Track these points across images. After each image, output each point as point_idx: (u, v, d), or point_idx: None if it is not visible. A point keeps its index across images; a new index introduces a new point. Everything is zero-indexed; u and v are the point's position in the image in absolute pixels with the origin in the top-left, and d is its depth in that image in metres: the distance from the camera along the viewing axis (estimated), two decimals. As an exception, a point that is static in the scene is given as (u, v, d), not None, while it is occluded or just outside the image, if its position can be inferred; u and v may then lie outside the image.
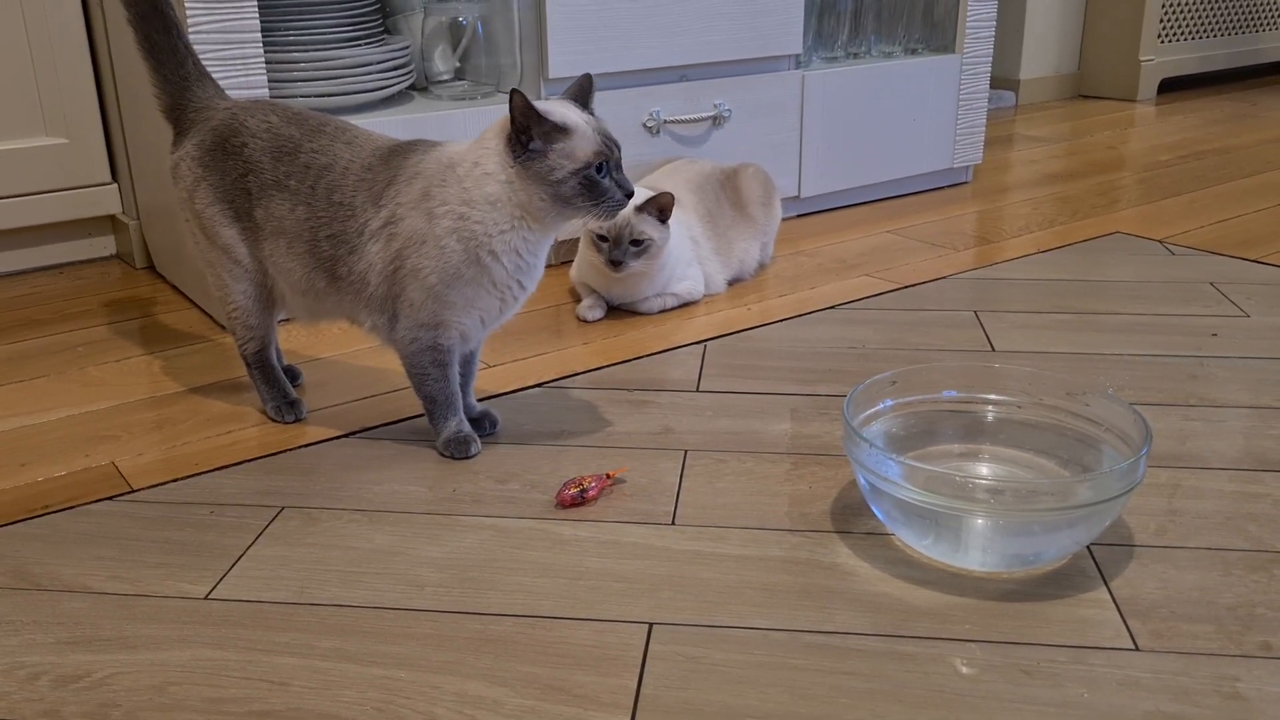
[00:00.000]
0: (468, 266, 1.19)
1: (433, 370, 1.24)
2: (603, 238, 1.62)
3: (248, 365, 1.37)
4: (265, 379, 1.36)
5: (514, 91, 1.14)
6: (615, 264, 1.61)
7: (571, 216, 1.20)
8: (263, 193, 1.26)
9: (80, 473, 1.24)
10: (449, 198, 1.18)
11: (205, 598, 1.00)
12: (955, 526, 1.01)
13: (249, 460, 1.26)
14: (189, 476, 1.22)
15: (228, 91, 1.49)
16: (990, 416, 1.20)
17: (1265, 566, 1.03)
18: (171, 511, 1.15)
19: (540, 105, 1.17)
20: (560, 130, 1.16)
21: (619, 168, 1.21)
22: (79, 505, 1.17)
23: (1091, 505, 0.98)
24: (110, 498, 1.18)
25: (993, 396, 1.20)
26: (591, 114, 1.22)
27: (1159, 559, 1.05)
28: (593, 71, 1.61)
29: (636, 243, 1.61)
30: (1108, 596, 0.99)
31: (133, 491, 1.20)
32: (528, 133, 1.16)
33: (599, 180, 1.17)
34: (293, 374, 1.46)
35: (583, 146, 1.17)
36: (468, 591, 1.01)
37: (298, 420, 1.36)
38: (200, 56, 1.49)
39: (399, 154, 1.24)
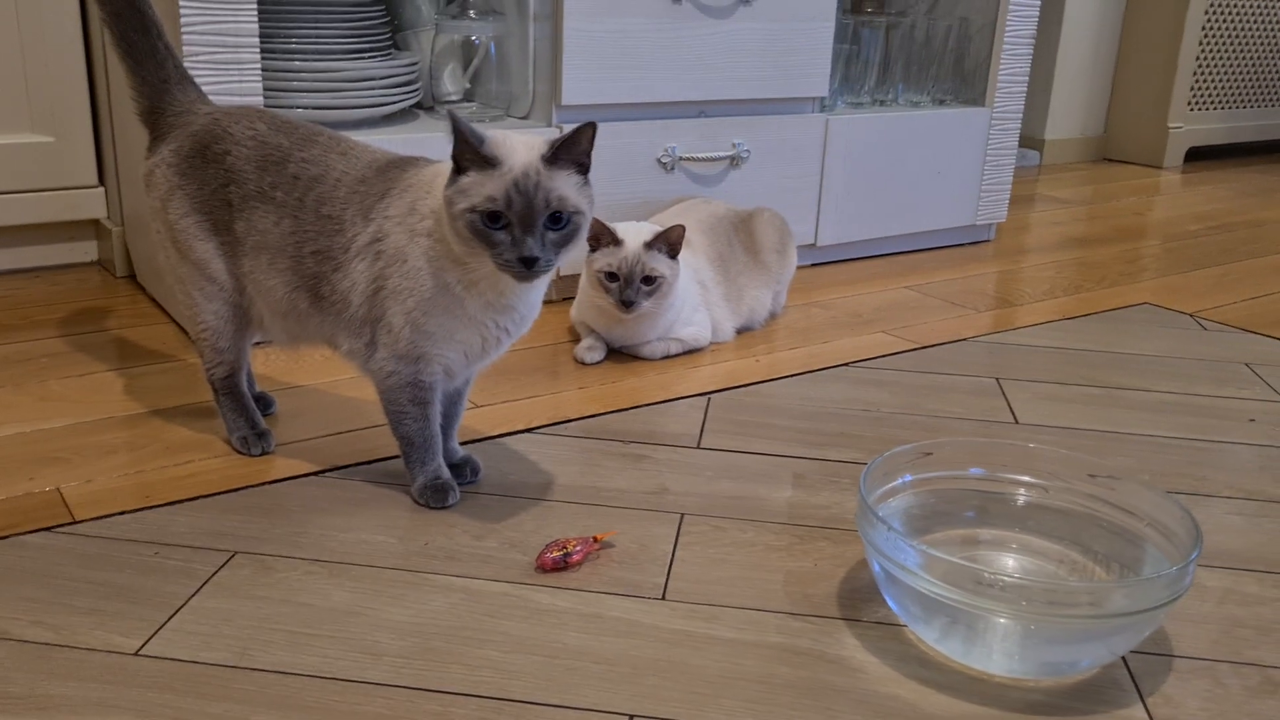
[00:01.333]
0: (440, 294, 1.08)
1: (411, 409, 1.14)
2: (612, 276, 1.52)
3: (215, 391, 1.26)
4: (233, 407, 1.26)
5: (449, 111, 1.05)
6: (627, 304, 1.51)
7: (481, 260, 1.04)
8: (245, 204, 1.16)
9: (20, 498, 1.14)
10: (432, 211, 1.08)
11: (135, 653, 0.89)
12: (978, 626, 0.91)
13: (206, 495, 1.16)
14: (138, 510, 1.12)
15: (219, 98, 1.41)
16: (1020, 500, 1.09)
17: (1320, 690, 0.93)
18: (113, 549, 1.05)
19: (487, 132, 1.04)
20: (486, 161, 1.02)
21: (529, 228, 1.01)
22: (13, 535, 1.06)
23: (1133, 615, 0.87)
24: (49, 528, 1.08)
25: (1024, 478, 1.09)
26: (568, 162, 1.04)
27: (1200, 673, 0.94)
28: (608, 101, 1.53)
29: (648, 280, 1.51)
30: (1144, 715, 0.89)
31: (74, 523, 1.09)
32: (462, 157, 1.03)
33: (488, 231, 1.02)
34: (265, 402, 1.36)
35: (486, 187, 1.01)
36: (429, 664, 0.90)
37: (265, 453, 1.25)
38: (192, 58, 1.41)
39: (396, 167, 1.14)
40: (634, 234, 1.53)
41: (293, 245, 1.14)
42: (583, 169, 1.06)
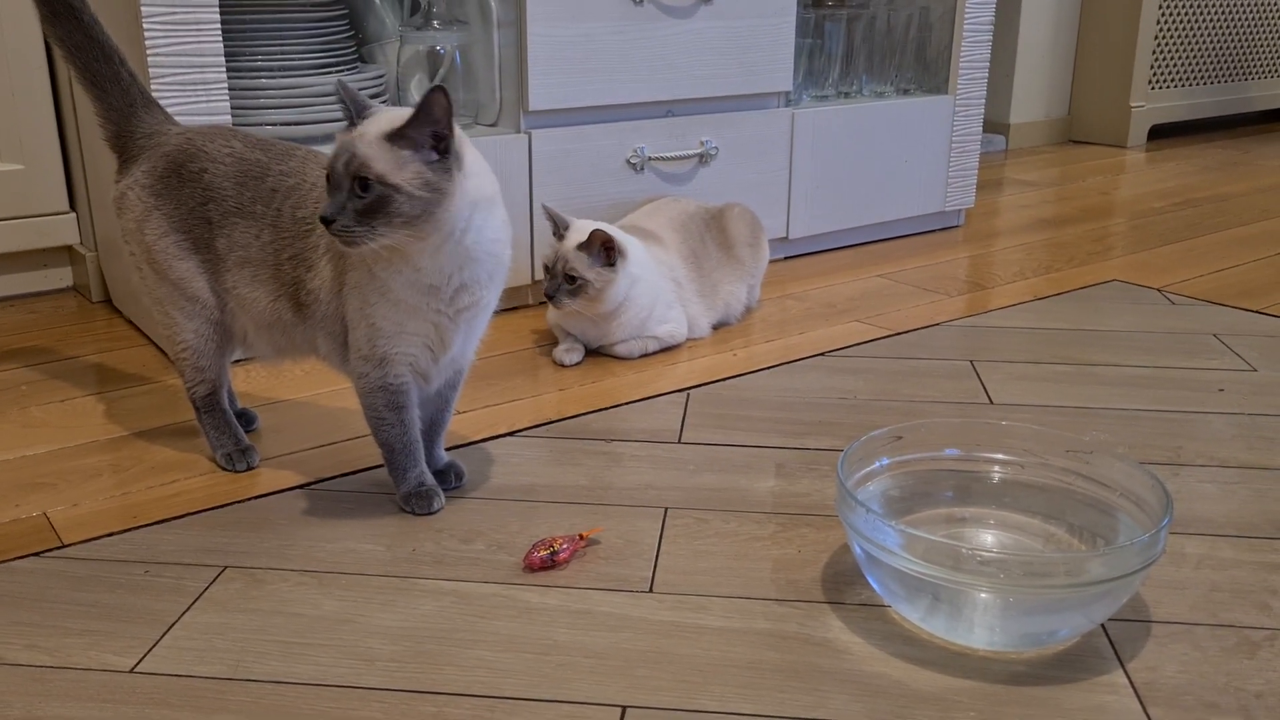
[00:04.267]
0: (372, 281, 1.08)
1: (387, 414, 1.15)
2: (547, 268, 1.57)
3: (196, 410, 1.27)
4: (215, 424, 1.27)
5: (339, 80, 1.05)
6: (550, 298, 1.55)
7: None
8: (226, 220, 1.17)
9: (8, 524, 1.14)
10: None
11: (131, 671, 0.90)
12: (959, 602, 0.93)
13: (193, 513, 1.16)
14: (126, 530, 1.13)
15: (187, 118, 1.42)
16: (996, 477, 1.11)
17: (1294, 648, 0.95)
18: (103, 570, 1.05)
19: (374, 104, 1.06)
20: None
21: (331, 192, 1.02)
22: (2, 562, 1.07)
23: (1108, 582, 0.89)
24: (38, 553, 1.08)
25: (998, 456, 1.11)
26: (420, 139, 1.02)
27: (1177, 637, 0.96)
28: (575, 105, 1.54)
29: (570, 279, 1.53)
30: (1125, 680, 0.91)
31: (63, 546, 1.10)
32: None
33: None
34: (247, 418, 1.36)
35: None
36: (422, 667, 0.91)
37: (250, 469, 1.26)
38: (159, 80, 1.42)
39: None
40: (576, 233, 1.55)
41: (272, 254, 1.16)
42: (439, 146, 1.03)
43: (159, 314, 1.25)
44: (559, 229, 1.59)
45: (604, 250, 1.54)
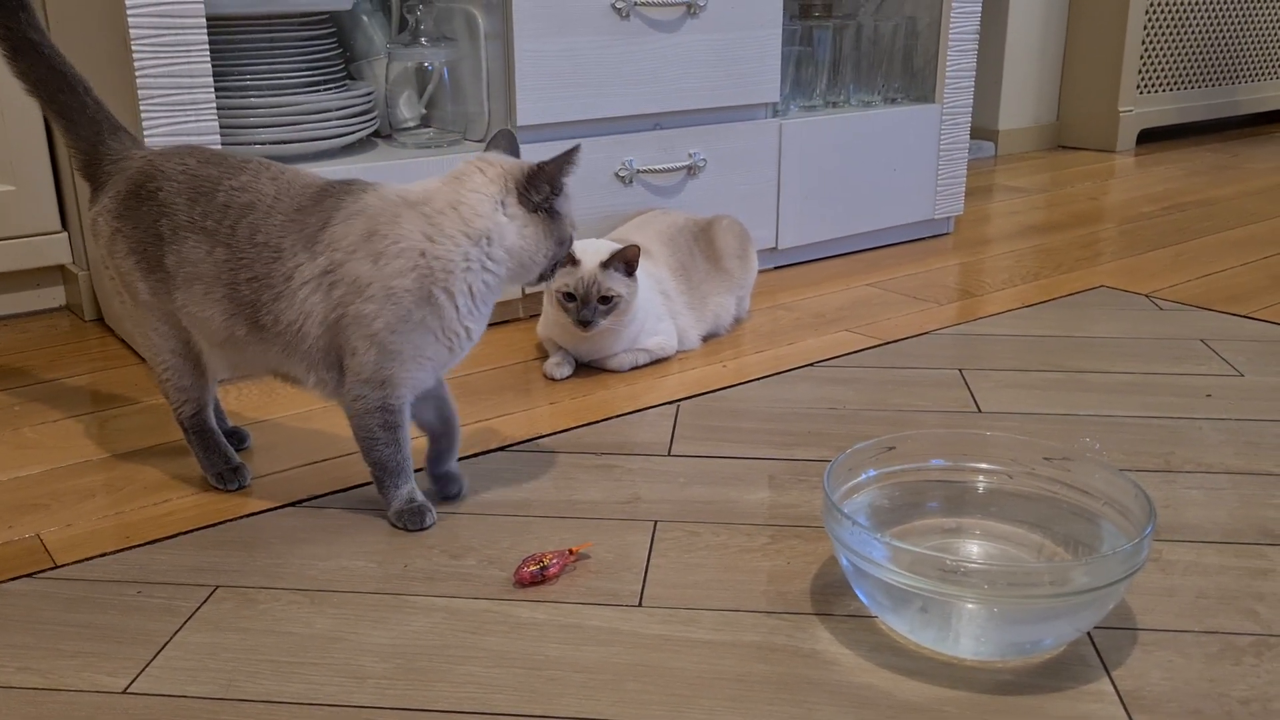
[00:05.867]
0: (418, 307, 1.12)
1: (381, 434, 1.16)
2: (569, 296, 1.54)
3: (184, 430, 1.28)
4: (203, 445, 1.27)
5: (576, 148, 1.16)
6: (585, 324, 1.53)
7: (538, 277, 1.21)
8: (175, 236, 1.16)
9: (1, 546, 1.15)
10: (405, 234, 1.11)
11: (124, 691, 0.91)
12: (946, 612, 0.93)
13: (185, 532, 1.17)
14: (119, 550, 1.13)
15: (177, 139, 1.43)
16: (981, 487, 1.12)
17: (1279, 654, 0.96)
18: (96, 591, 1.06)
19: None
20: (566, 197, 1.19)
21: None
22: (-5, 584, 1.07)
23: (1092, 591, 0.90)
24: (31, 574, 1.09)
25: (983, 465, 1.12)
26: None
27: (1163, 644, 0.97)
28: (563, 120, 1.57)
29: (605, 299, 1.54)
30: (1111, 688, 0.91)
31: (56, 567, 1.10)
32: (549, 187, 1.16)
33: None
34: (239, 437, 1.37)
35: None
36: (414, 684, 0.92)
37: (241, 488, 1.27)
38: (148, 101, 1.43)
39: (332, 195, 1.16)
40: (591, 253, 1.55)
41: (228, 273, 1.14)
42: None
43: (140, 337, 1.26)
44: (564, 260, 1.57)
45: (624, 264, 1.55)
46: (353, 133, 1.72)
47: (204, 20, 1.45)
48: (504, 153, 1.22)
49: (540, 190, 1.16)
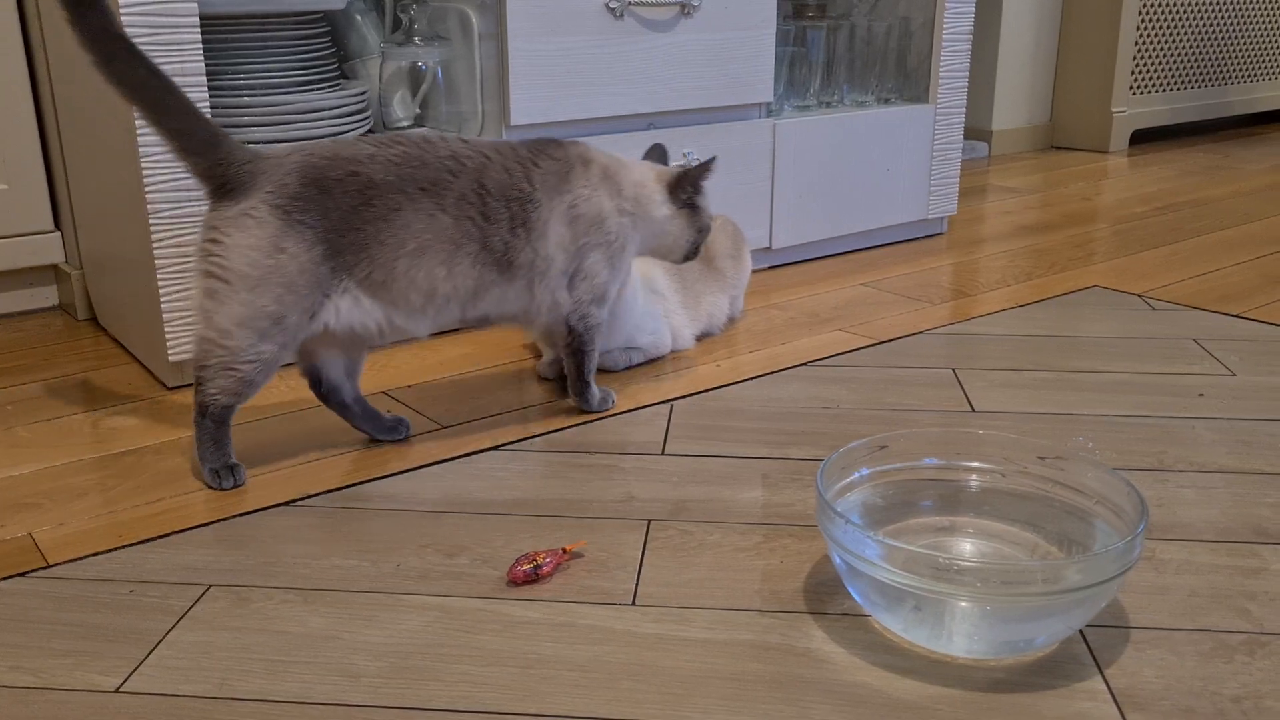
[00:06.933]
0: (629, 239, 1.43)
1: (594, 344, 1.44)
2: None
3: (204, 418, 1.25)
4: (217, 437, 1.26)
5: (713, 159, 1.47)
6: None
7: (682, 256, 1.52)
8: (394, 214, 1.25)
9: (-7, 546, 1.15)
10: (625, 188, 1.42)
11: (116, 691, 0.91)
12: (939, 611, 0.93)
13: (178, 531, 1.17)
14: (111, 550, 1.13)
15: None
16: (974, 486, 1.12)
17: (1270, 652, 0.96)
18: (88, 590, 1.06)
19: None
20: (705, 195, 1.48)
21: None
22: (-13, 583, 1.07)
23: (1085, 589, 0.90)
24: (23, 574, 1.09)
25: (977, 464, 1.12)
26: None
27: (1156, 643, 0.97)
28: (557, 119, 1.57)
29: None
30: (1103, 686, 0.92)
31: (48, 567, 1.10)
32: (691, 188, 1.46)
33: None
34: (405, 426, 1.41)
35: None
36: (407, 683, 0.92)
37: (236, 486, 1.27)
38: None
39: (547, 148, 1.38)
40: None
41: (476, 228, 1.29)
42: None
43: (239, 326, 1.21)
44: None
45: None
46: (346, 132, 1.71)
47: (197, 20, 1.44)
48: (656, 161, 1.54)
49: (685, 191, 1.45)
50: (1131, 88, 3.59)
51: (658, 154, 1.57)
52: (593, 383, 1.47)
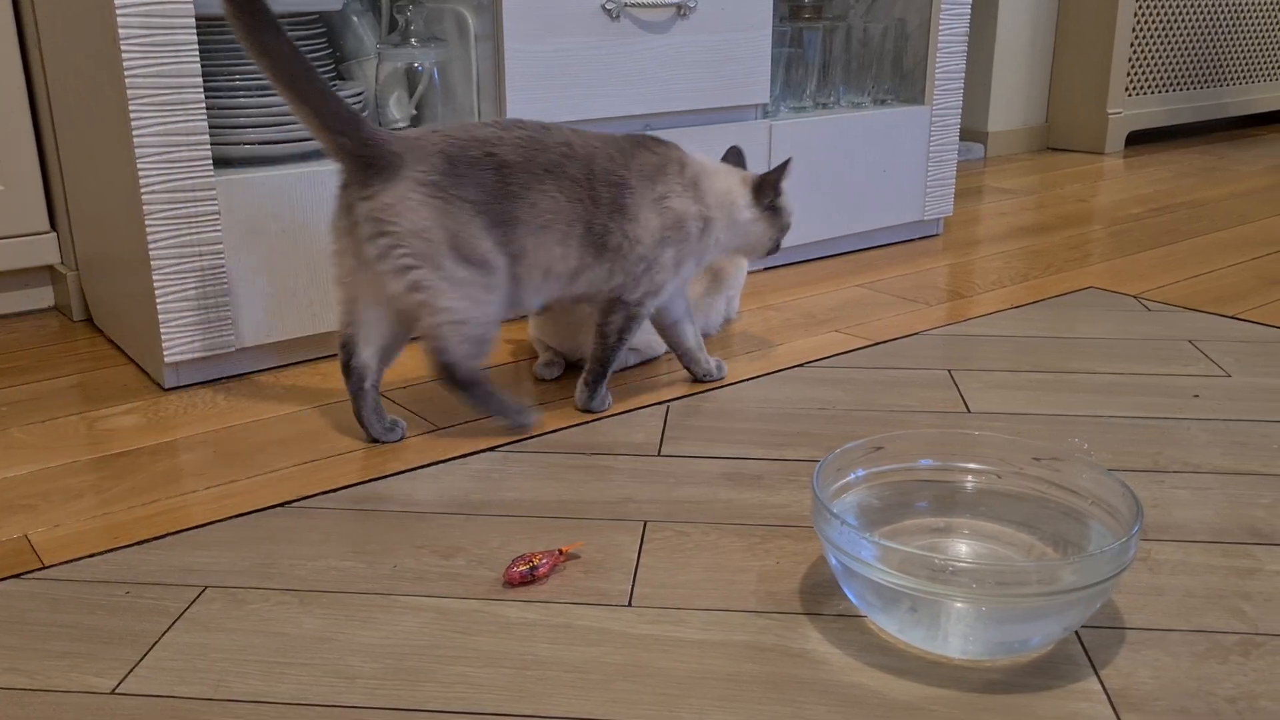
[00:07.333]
0: (698, 242, 1.47)
1: (628, 337, 1.47)
2: None
3: (474, 384, 1.37)
4: (494, 393, 1.40)
5: (789, 161, 1.53)
6: None
7: (764, 253, 1.58)
8: (526, 191, 1.33)
9: (-12, 547, 1.15)
10: (709, 196, 1.48)
11: (111, 692, 0.91)
12: (934, 612, 0.94)
13: (174, 532, 1.17)
14: (107, 551, 1.13)
15: (165, 139, 1.44)
16: (970, 487, 1.12)
17: (1265, 652, 0.96)
18: (84, 591, 1.06)
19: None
20: (785, 194, 1.55)
21: None
22: (-17, 585, 1.07)
23: (1080, 590, 0.90)
24: (18, 575, 1.09)
25: (972, 465, 1.13)
26: None
27: (1151, 644, 0.98)
28: (553, 120, 1.58)
29: None
30: (1099, 687, 0.92)
31: (44, 568, 1.10)
32: (773, 192, 1.52)
33: None
34: (396, 427, 1.42)
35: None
36: (403, 684, 0.92)
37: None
38: (136, 101, 1.43)
39: (643, 142, 1.46)
40: None
41: (585, 211, 1.37)
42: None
43: (460, 299, 1.31)
44: None
45: None
46: (342, 133, 1.71)
47: (194, 20, 1.44)
48: (734, 164, 1.59)
49: (767, 195, 1.52)
50: (1127, 89, 3.59)
51: (735, 156, 1.62)
52: (606, 382, 1.49)
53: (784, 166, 1.52)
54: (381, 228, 1.27)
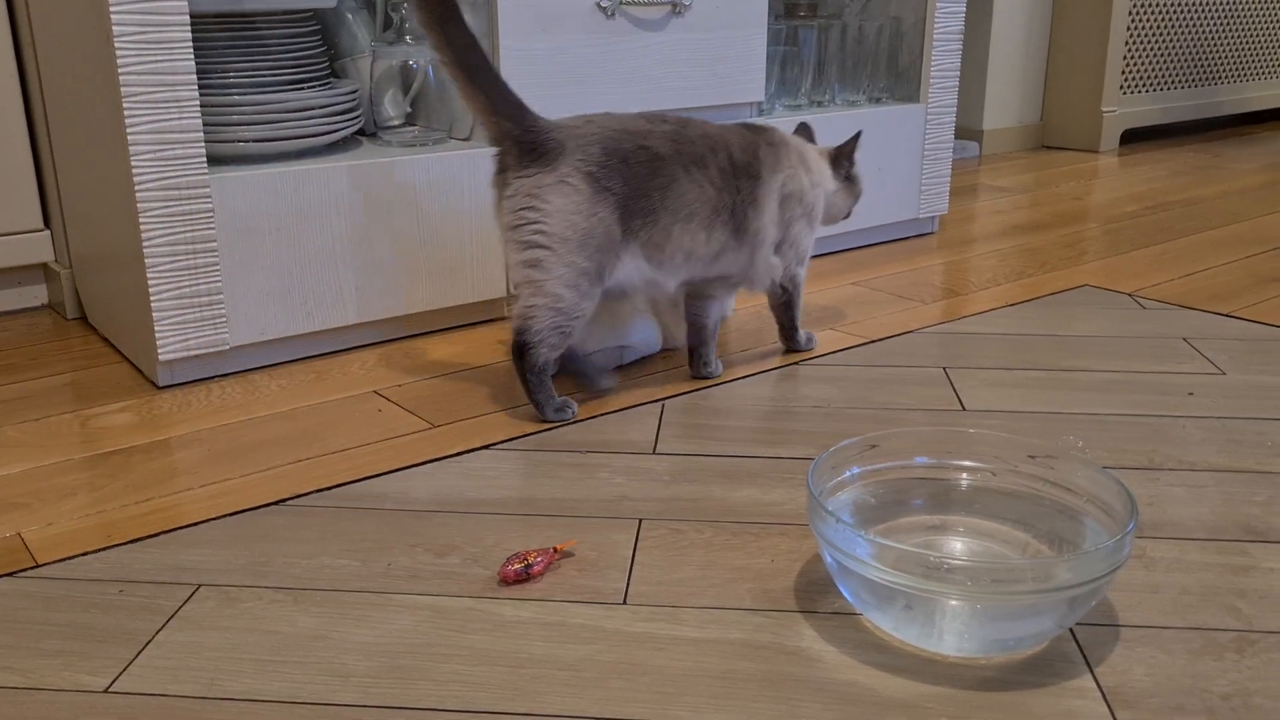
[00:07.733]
0: (815, 216, 1.62)
1: (800, 296, 1.65)
2: None
3: (537, 374, 1.42)
4: (546, 384, 1.44)
5: (859, 133, 1.69)
6: None
7: (842, 218, 1.73)
8: (673, 183, 1.42)
9: (-19, 546, 1.14)
10: (812, 166, 1.60)
11: (105, 691, 0.90)
12: (929, 609, 0.94)
13: (168, 531, 1.16)
14: (100, 549, 1.13)
15: (160, 135, 1.43)
16: (965, 485, 1.12)
17: (1260, 650, 0.96)
18: (77, 590, 1.05)
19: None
20: (857, 165, 1.68)
21: None
22: (-25, 583, 1.07)
23: (1075, 587, 0.90)
24: (11, 574, 1.08)
25: (967, 463, 1.13)
26: None
27: (1146, 641, 0.98)
28: (550, 118, 1.57)
29: None
30: (1093, 684, 0.92)
31: (37, 566, 1.10)
32: (848, 162, 1.66)
33: None
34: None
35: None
36: (397, 682, 0.92)
37: (575, 416, 1.44)
38: (130, 99, 1.42)
39: (764, 131, 1.56)
40: None
41: (725, 199, 1.46)
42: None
43: (568, 288, 1.38)
44: None
45: None
46: (337, 131, 1.71)
47: (187, 18, 1.44)
48: (805, 139, 1.67)
49: (844, 166, 1.66)
50: (1122, 87, 3.60)
51: (806, 132, 1.72)
52: (800, 327, 1.68)
53: (856, 139, 1.66)
54: (529, 202, 1.36)
